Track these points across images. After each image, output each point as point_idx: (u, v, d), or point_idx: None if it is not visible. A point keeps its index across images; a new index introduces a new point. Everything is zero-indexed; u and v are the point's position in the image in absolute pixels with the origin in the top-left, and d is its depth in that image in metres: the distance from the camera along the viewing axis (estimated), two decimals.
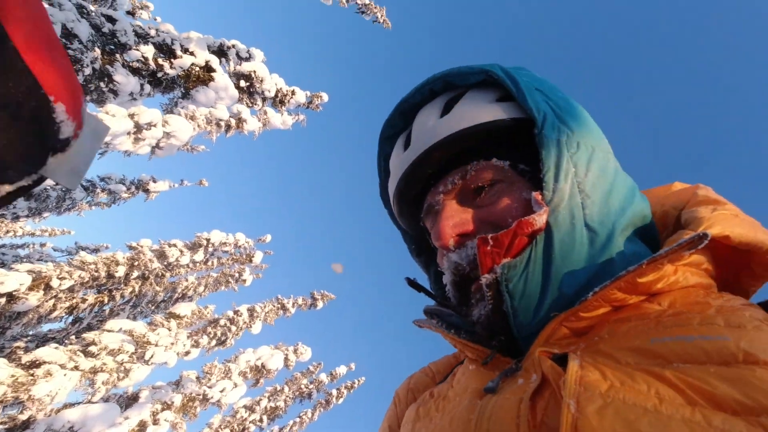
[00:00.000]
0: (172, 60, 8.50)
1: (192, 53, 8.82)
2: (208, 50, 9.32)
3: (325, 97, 11.09)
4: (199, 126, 8.39)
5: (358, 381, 15.72)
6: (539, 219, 0.47)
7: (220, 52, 9.69)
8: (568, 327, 0.45)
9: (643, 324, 0.41)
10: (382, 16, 11.00)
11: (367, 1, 10.53)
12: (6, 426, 8.47)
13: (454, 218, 0.52)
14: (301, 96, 10.41)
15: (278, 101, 10.13)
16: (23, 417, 8.74)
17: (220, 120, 8.84)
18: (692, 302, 0.42)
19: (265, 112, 9.79)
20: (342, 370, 15.15)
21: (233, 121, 9.09)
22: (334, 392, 14.92)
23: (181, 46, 8.80)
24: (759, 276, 0.51)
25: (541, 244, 0.47)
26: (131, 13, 15.45)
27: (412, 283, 0.64)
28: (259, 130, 9.85)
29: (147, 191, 15.80)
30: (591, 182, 0.50)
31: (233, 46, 9.81)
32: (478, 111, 0.54)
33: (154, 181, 15.78)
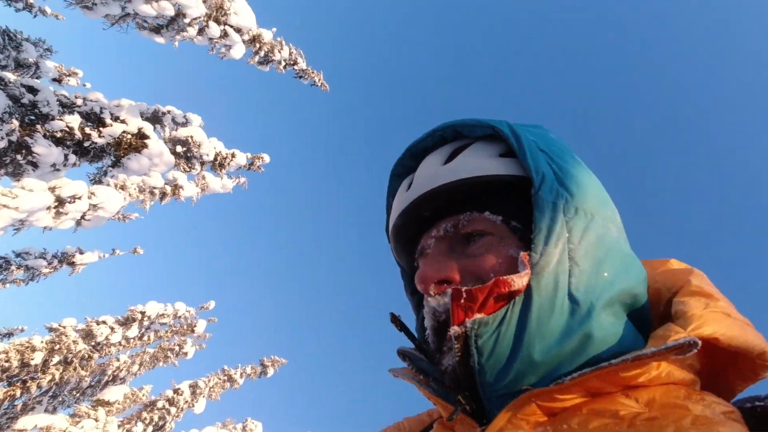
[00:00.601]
0: (101, 129, 8.17)
1: (123, 121, 8.55)
2: (142, 117, 9.10)
3: (267, 158, 11.08)
4: (130, 195, 7.99)
5: None
6: (518, 280, 0.46)
7: (155, 118, 9.49)
8: (539, 405, 0.44)
9: (616, 425, 0.39)
10: (319, 80, 11.42)
11: (305, 67, 10.93)
12: None
13: (439, 264, 0.53)
14: (241, 158, 10.33)
15: (218, 165, 9.95)
16: None
17: (154, 188, 8.49)
18: (671, 404, 0.40)
19: (204, 177, 9.56)
20: None
21: (168, 189, 8.75)
22: None
23: (111, 114, 8.52)
24: (746, 377, 0.50)
25: (518, 306, 0.46)
26: (58, 81, 14.87)
27: (395, 320, 0.62)
28: (197, 196, 9.54)
29: (72, 264, 14.47)
30: (583, 250, 0.49)
31: (168, 111, 9.67)
32: (478, 163, 0.55)
33: (81, 253, 14.52)
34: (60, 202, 7.01)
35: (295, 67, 10.60)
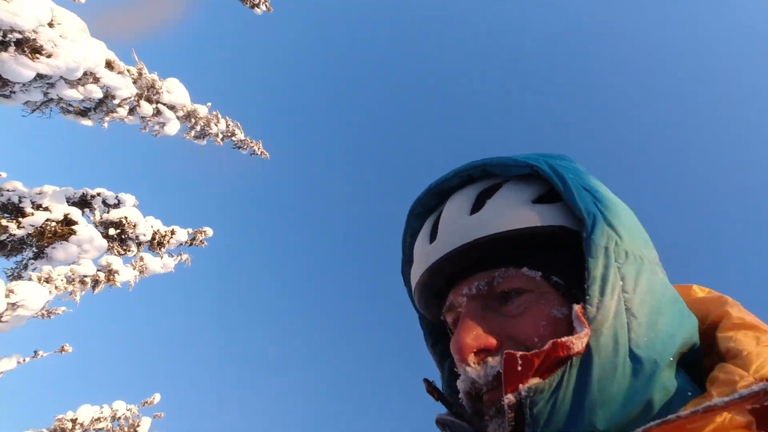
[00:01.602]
0: (20, 219, 7.53)
1: (47, 208, 7.95)
2: (68, 202, 8.52)
3: (210, 231, 10.69)
4: (57, 288, 7.27)
5: None
6: (578, 342, 0.42)
7: (83, 202, 8.93)
8: None
9: None
10: (259, 148, 11.50)
11: (243, 137, 11.00)
12: None
13: (476, 330, 0.49)
14: (182, 234, 9.88)
15: (156, 244, 9.43)
16: None
17: (85, 276, 7.81)
18: None
19: (142, 258, 8.97)
20: None
21: (102, 275, 8.09)
22: None
23: (33, 202, 7.92)
24: None
25: (576, 369, 0.43)
26: None
27: (431, 388, 0.58)
28: (135, 279, 8.87)
29: None
30: (639, 299, 0.45)
31: (98, 194, 9.16)
32: (513, 213, 0.51)
33: None
34: None
35: (233, 138, 10.64)
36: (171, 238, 9.54)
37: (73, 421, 11.21)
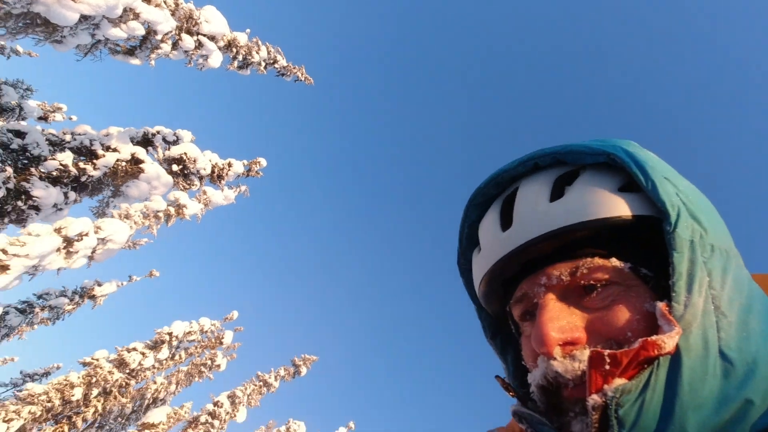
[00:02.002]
0: (95, 161, 8.11)
1: (115, 149, 8.48)
2: (132, 142, 9.01)
3: (264, 161, 10.97)
4: (135, 223, 7.96)
5: None
6: (669, 341, 0.40)
7: (146, 141, 9.40)
8: None
9: None
10: (302, 74, 11.21)
11: (285, 63, 10.71)
12: None
13: (560, 321, 0.47)
14: (238, 167, 10.23)
15: (216, 177, 9.88)
16: None
17: (158, 212, 8.45)
18: None
19: (205, 192, 9.50)
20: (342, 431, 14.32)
21: (172, 210, 8.72)
22: None
23: (102, 144, 8.45)
24: None
25: (664, 369, 0.40)
26: (44, 119, 14.80)
27: (505, 385, 0.58)
28: (201, 212, 9.50)
29: (93, 298, 14.64)
30: (727, 297, 0.43)
31: (158, 132, 9.57)
32: (599, 201, 0.49)
33: (99, 285, 14.68)
34: (68, 241, 7.01)
35: (276, 65, 10.39)
36: (229, 170, 9.93)
37: (170, 334, 12.96)
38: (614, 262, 0.47)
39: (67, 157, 7.73)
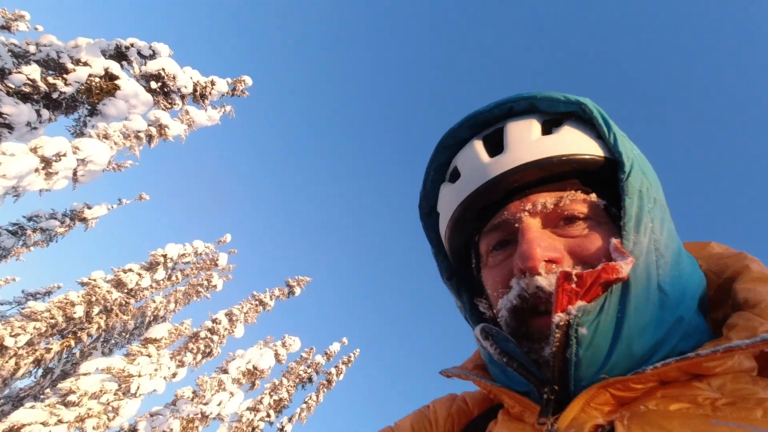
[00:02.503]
0: (65, 76, 7.54)
1: (86, 63, 7.84)
2: (104, 56, 8.32)
3: (249, 80, 10.33)
4: (116, 144, 7.63)
5: (354, 354, 15.89)
6: (626, 267, 0.45)
7: (119, 55, 8.69)
8: (613, 394, 0.44)
9: (698, 408, 0.39)
10: None
11: None
12: None
13: (544, 241, 0.50)
14: (222, 85, 9.63)
15: (198, 96, 9.33)
16: None
17: (139, 132, 8.07)
18: (744, 390, 0.40)
19: (187, 112, 9.02)
20: (335, 347, 15.26)
21: (154, 130, 8.33)
22: (333, 370, 15.05)
23: (71, 57, 7.80)
24: None
25: (616, 295, 0.45)
26: (6, 28, 13.55)
27: (448, 374, 0.62)
28: (185, 133, 9.11)
29: (84, 220, 14.63)
30: (664, 242, 0.50)
31: (132, 45, 8.81)
32: (586, 142, 0.53)
33: (89, 208, 14.59)
34: (46, 162, 6.74)
35: None
36: (212, 89, 9.35)
37: (164, 256, 13.16)
38: (593, 198, 0.53)
39: (34, 71, 7.15)
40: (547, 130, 0.55)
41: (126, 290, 12.30)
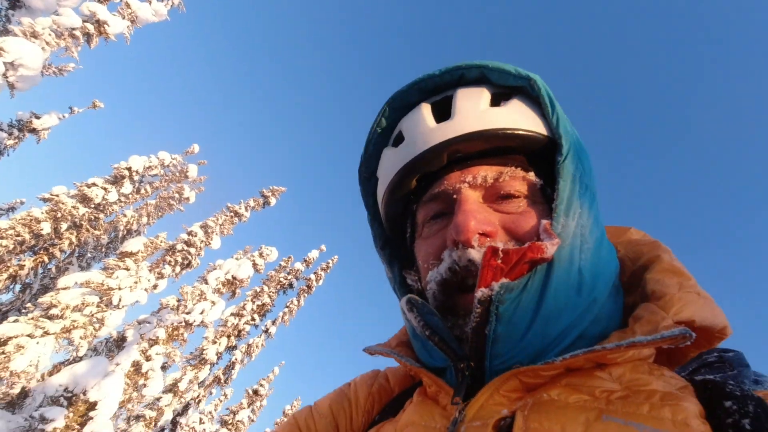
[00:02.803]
0: None
1: None
2: None
3: None
4: (48, 44, 6.69)
5: (332, 260, 16.31)
6: (551, 248, 0.46)
7: None
8: (522, 381, 0.45)
9: (594, 401, 0.41)
10: None
11: None
12: (5, 401, 8.53)
13: (480, 214, 0.50)
14: None
15: None
16: (15, 390, 8.76)
17: (73, 29, 7.05)
18: (639, 381, 0.43)
19: (128, 5, 7.84)
20: (314, 254, 15.63)
21: (91, 27, 7.28)
22: (313, 276, 15.57)
23: None
24: (701, 346, 0.51)
25: (539, 276, 0.46)
26: None
27: (371, 352, 0.62)
28: (129, 30, 8.02)
29: (34, 131, 13.53)
30: (590, 228, 0.50)
31: None
32: (532, 118, 0.53)
33: (37, 118, 13.40)
34: None
35: None
36: None
37: (128, 169, 12.55)
38: (532, 176, 0.53)
39: None
40: (495, 103, 0.55)
41: (93, 205, 11.89)
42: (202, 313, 9.94)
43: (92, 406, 7.29)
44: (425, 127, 0.54)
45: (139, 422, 10.91)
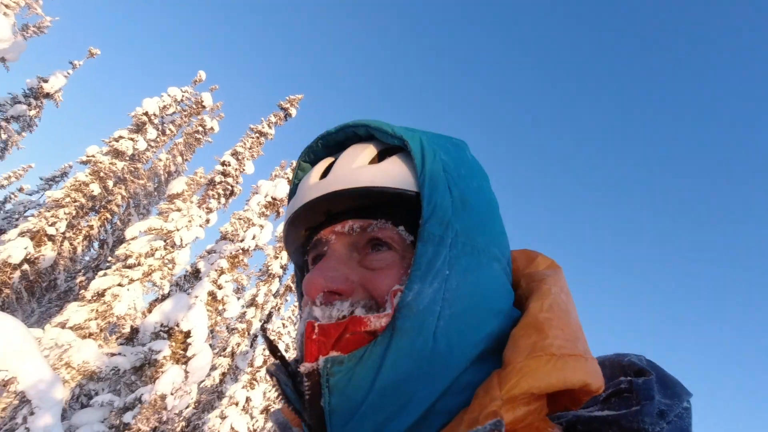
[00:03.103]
0: None
1: None
2: None
3: None
4: (7, 6, 6.22)
5: None
6: (376, 321, 0.45)
7: None
8: None
9: None
10: None
11: None
12: (123, 338, 10.08)
13: (334, 271, 0.50)
14: None
15: None
16: (126, 329, 10.27)
17: None
18: None
19: None
20: None
21: None
22: None
23: None
24: (560, 407, 0.47)
25: (380, 346, 0.44)
26: None
27: (271, 346, 0.59)
28: None
29: (49, 96, 13.58)
30: (460, 294, 0.47)
31: None
32: (404, 175, 0.53)
33: (45, 81, 13.31)
34: None
35: None
36: None
37: (146, 113, 12.48)
38: (401, 231, 0.52)
39: None
40: (378, 159, 0.55)
41: (127, 158, 12.24)
42: (254, 238, 10.54)
43: (187, 334, 8.39)
44: (307, 184, 0.56)
45: (234, 334, 12.60)
